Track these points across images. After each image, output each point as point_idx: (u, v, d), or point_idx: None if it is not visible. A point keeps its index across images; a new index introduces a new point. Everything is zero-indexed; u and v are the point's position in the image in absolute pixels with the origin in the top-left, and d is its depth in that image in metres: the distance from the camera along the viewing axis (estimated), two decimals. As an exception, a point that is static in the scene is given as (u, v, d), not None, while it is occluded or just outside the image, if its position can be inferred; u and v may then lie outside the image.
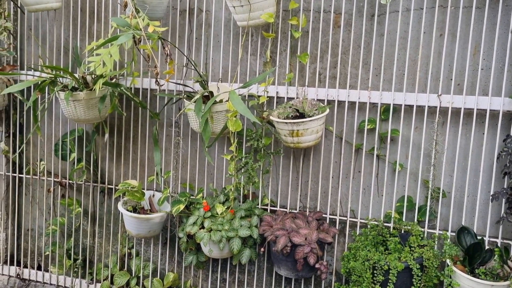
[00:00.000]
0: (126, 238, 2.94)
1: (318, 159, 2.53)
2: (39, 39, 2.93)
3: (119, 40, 2.07)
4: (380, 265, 2.19)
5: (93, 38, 2.81)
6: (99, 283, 2.97)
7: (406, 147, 2.39)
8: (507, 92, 2.18)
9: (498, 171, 2.24)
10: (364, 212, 2.49)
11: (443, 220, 2.36)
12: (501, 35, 2.17)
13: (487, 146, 2.25)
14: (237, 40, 2.58)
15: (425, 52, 2.30)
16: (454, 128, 2.30)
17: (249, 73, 2.58)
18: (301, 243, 2.29)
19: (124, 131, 2.85)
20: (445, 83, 2.28)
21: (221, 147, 2.68)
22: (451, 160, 2.32)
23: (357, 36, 2.39)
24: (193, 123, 2.45)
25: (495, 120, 2.21)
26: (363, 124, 2.41)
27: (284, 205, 2.62)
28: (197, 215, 2.53)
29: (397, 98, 2.33)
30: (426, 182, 2.36)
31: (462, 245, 2.19)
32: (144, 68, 2.73)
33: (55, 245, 3.04)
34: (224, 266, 2.78)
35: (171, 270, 2.88)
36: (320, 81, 2.47)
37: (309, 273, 2.41)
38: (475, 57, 2.23)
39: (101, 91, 2.44)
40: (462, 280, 2.10)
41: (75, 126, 2.92)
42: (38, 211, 3.14)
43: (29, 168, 3.09)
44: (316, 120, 2.25)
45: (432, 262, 2.16)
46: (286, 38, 2.49)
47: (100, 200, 2.99)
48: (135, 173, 2.87)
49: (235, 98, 2.10)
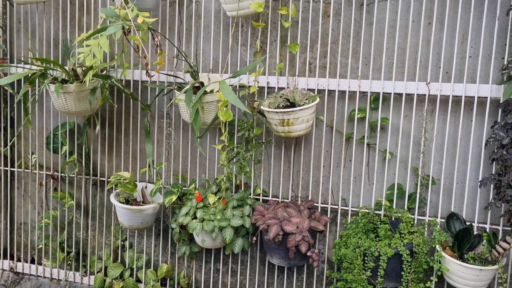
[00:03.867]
0: (119, 230, 2.95)
1: (309, 149, 2.55)
2: (29, 32, 2.92)
3: (108, 31, 2.07)
4: (370, 251, 2.21)
5: (83, 30, 2.80)
6: (93, 275, 2.98)
7: (396, 135, 2.41)
8: (495, 79, 2.20)
9: (486, 157, 2.26)
10: (355, 200, 2.51)
11: (433, 207, 2.39)
12: (488, 23, 2.19)
13: (475, 133, 2.28)
14: (228, 31, 2.58)
15: (414, 40, 2.31)
16: (443, 116, 2.32)
17: (240, 64, 2.58)
18: (293, 231, 2.31)
19: (116, 123, 2.84)
20: (434, 71, 2.30)
21: (212, 138, 2.69)
22: (440, 148, 2.34)
23: (346, 25, 2.41)
24: (184, 114, 2.46)
25: (483, 107, 2.24)
26: (353, 113, 2.42)
27: (276, 194, 2.64)
28: (190, 206, 2.54)
29: (387, 87, 2.35)
30: (416, 169, 2.38)
31: (451, 231, 2.22)
32: (134, 59, 2.73)
33: (48, 238, 3.04)
34: (217, 256, 2.79)
35: (165, 261, 2.90)
36: (311, 71, 2.48)
37: (301, 262, 2.44)
38: (463, 45, 2.25)
39: (91, 83, 2.44)
40: (451, 265, 2.13)
41: (66, 119, 2.91)
42: (31, 204, 3.14)
43: (21, 162, 3.08)
44: (307, 109, 2.26)
45: (421, 248, 2.19)
46: (276, 28, 2.50)
47: (92, 193, 2.99)
48: (127, 165, 2.88)
49: (225, 88, 2.11)
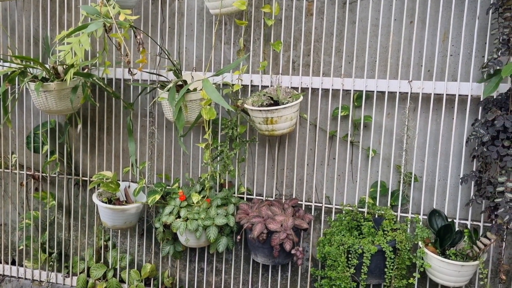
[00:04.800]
0: (102, 230, 2.91)
1: (293, 147, 2.55)
2: (8, 29, 2.86)
3: (88, 28, 2.04)
4: (354, 249, 2.22)
5: (63, 28, 2.76)
6: (75, 276, 2.94)
7: (379, 133, 2.43)
8: (475, 77, 2.23)
9: (467, 155, 2.29)
10: (339, 198, 2.52)
11: (415, 204, 2.41)
12: (469, 22, 2.22)
13: (457, 130, 2.31)
14: (211, 29, 2.57)
15: (396, 39, 2.33)
16: (425, 114, 2.34)
17: (223, 62, 2.57)
18: (277, 229, 2.31)
19: (98, 122, 2.81)
20: (416, 69, 2.32)
21: (196, 137, 2.68)
22: (422, 145, 2.37)
23: (329, 23, 2.41)
24: (167, 113, 2.44)
25: (464, 105, 2.27)
26: (337, 111, 2.43)
27: (260, 193, 2.64)
28: (173, 205, 2.52)
29: (370, 85, 2.36)
30: (399, 167, 2.40)
31: (433, 228, 2.24)
32: (116, 58, 2.70)
33: (29, 239, 2.99)
34: (201, 255, 2.78)
35: (148, 261, 2.87)
36: (294, 69, 2.49)
37: (285, 260, 2.44)
38: (444, 43, 2.28)
39: (72, 82, 2.41)
40: (434, 261, 2.15)
41: (47, 118, 2.86)
42: (11, 205, 3.08)
43: (0, 162, 3.02)
44: (290, 108, 2.26)
45: (404, 245, 2.21)
46: (260, 26, 2.49)
47: (74, 193, 2.95)
48: (110, 164, 2.84)
49: (208, 86, 2.10)
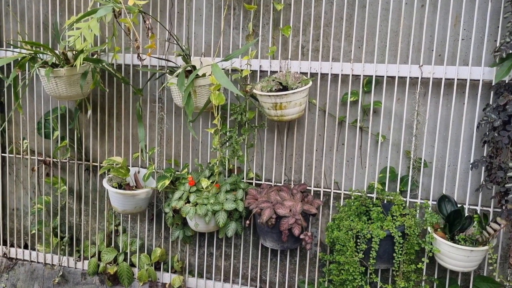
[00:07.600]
0: (112, 215, 2.94)
1: (302, 132, 2.54)
2: (18, 15, 2.87)
3: (98, 13, 2.04)
4: (363, 234, 2.23)
5: (73, 13, 2.76)
6: (87, 260, 2.99)
7: (388, 119, 2.41)
8: (487, 62, 2.20)
9: (478, 140, 2.27)
10: (347, 184, 2.52)
11: (425, 190, 2.41)
12: (481, 5, 2.18)
13: (467, 115, 2.29)
14: (220, 14, 2.55)
15: (407, 23, 2.30)
16: (435, 99, 2.32)
17: (232, 47, 2.56)
18: (286, 214, 2.32)
19: (108, 107, 2.82)
20: (427, 54, 2.30)
21: (205, 122, 2.68)
22: (433, 131, 2.35)
23: (339, 8, 2.39)
24: (177, 98, 2.45)
25: (475, 90, 2.24)
26: (346, 96, 2.42)
27: (269, 178, 2.64)
28: (183, 190, 2.54)
29: (379, 70, 2.34)
30: (408, 153, 2.39)
31: (442, 213, 2.24)
32: (126, 43, 2.70)
33: (41, 223, 3.04)
34: (210, 240, 2.80)
35: (158, 246, 2.90)
36: (303, 54, 2.47)
37: (294, 244, 2.45)
38: (455, 27, 2.25)
39: (82, 67, 2.42)
40: (443, 246, 2.15)
41: (57, 104, 2.88)
42: (23, 190, 3.12)
43: (12, 147, 3.06)
44: (299, 93, 2.26)
45: (413, 230, 2.21)
46: (269, 11, 2.48)
47: (85, 178, 2.98)
48: (120, 150, 2.86)
49: (217, 71, 2.09)
